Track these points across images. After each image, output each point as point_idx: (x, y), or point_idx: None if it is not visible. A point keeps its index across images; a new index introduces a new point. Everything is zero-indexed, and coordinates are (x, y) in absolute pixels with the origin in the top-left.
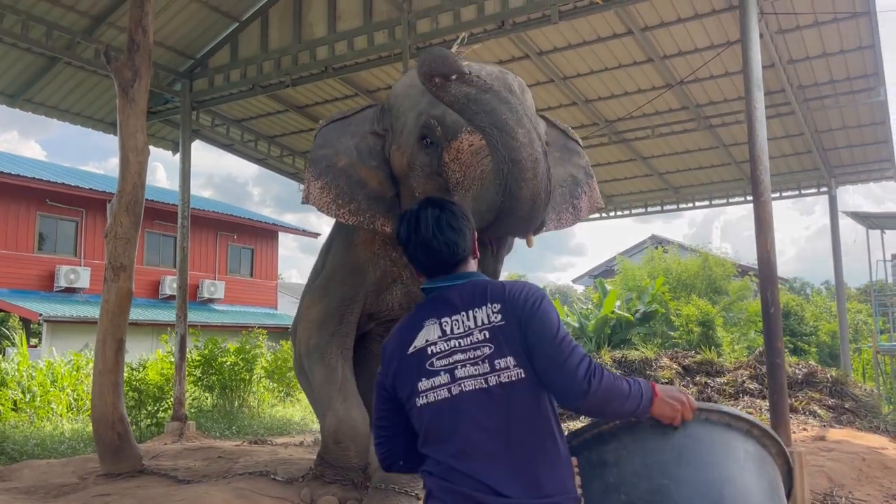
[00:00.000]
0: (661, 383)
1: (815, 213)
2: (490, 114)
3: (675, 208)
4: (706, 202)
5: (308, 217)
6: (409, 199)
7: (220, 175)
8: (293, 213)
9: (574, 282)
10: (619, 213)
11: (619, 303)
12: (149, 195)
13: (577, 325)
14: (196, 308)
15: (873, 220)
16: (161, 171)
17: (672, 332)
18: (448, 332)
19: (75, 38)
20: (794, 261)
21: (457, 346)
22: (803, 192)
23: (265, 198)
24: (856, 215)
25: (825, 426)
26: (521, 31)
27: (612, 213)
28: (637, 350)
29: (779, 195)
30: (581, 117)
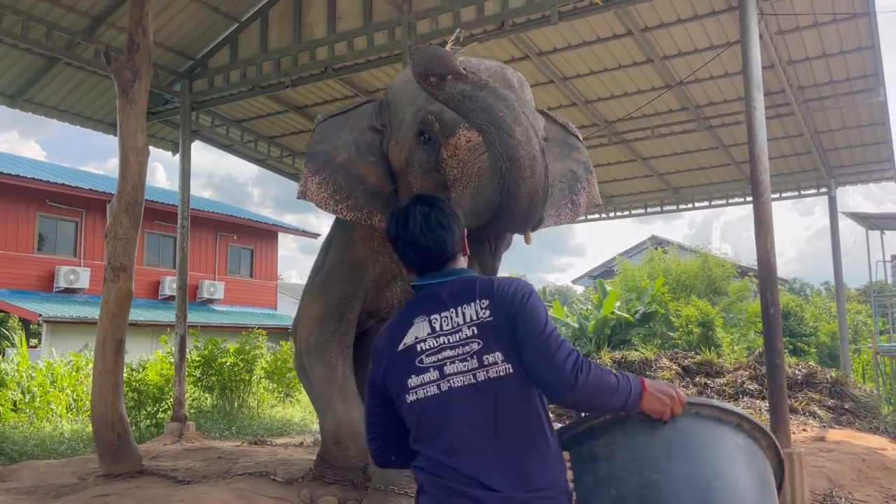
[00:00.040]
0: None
1: (814, 214)
2: (487, 111)
3: (674, 209)
4: (706, 203)
5: (308, 218)
6: (407, 195)
7: (220, 175)
8: (293, 213)
9: (574, 282)
10: (618, 214)
11: (618, 303)
12: (148, 195)
13: (576, 325)
14: (196, 309)
15: (873, 220)
16: (161, 171)
17: (672, 333)
18: (437, 329)
19: (75, 38)
20: (793, 261)
21: (446, 342)
22: (803, 192)
23: (265, 198)
24: (855, 216)
25: (825, 427)
26: (521, 31)
27: (612, 214)
28: (637, 351)
29: (778, 196)
30: (581, 118)
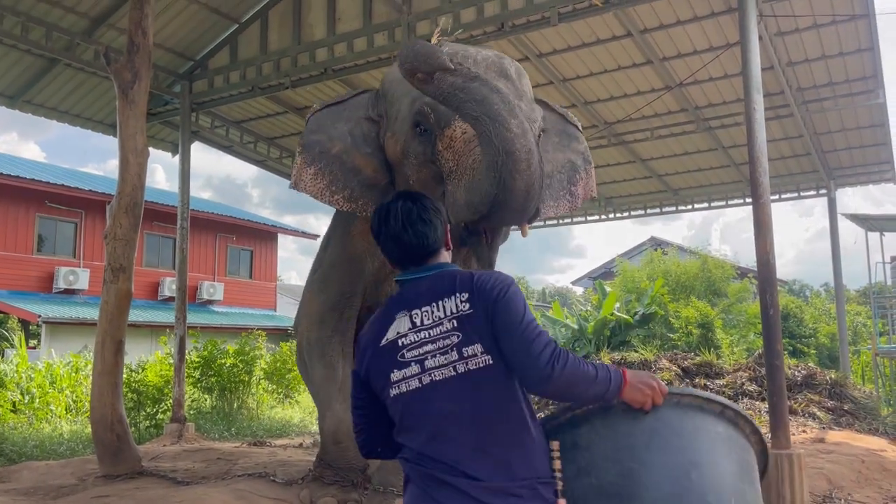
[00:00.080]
0: None
1: (814, 216)
2: (481, 103)
3: (674, 210)
4: (705, 204)
5: (307, 219)
6: (403, 187)
7: (220, 176)
8: (292, 214)
9: (573, 284)
10: (618, 215)
11: (618, 305)
12: (148, 196)
13: (576, 326)
14: (195, 309)
15: (872, 222)
16: (160, 172)
17: (671, 334)
18: (418, 324)
19: (75, 39)
20: (793, 263)
21: (426, 336)
22: (802, 194)
23: (264, 199)
24: (855, 217)
25: (824, 428)
26: (521, 33)
27: (612, 215)
28: (636, 352)
29: (778, 197)
30: (580, 119)
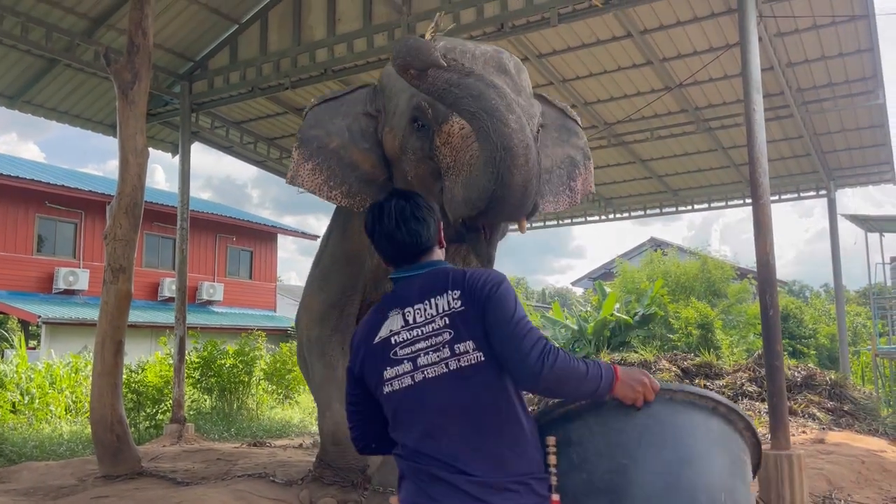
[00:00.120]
0: None
1: (813, 216)
2: (478, 98)
3: (674, 211)
4: (705, 205)
5: (307, 219)
6: (402, 183)
7: (220, 177)
8: (292, 215)
9: (573, 284)
10: (618, 216)
11: (618, 305)
12: (148, 197)
13: (576, 327)
14: (195, 310)
15: (872, 222)
16: (160, 172)
17: (671, 335)
18: (411, 322)
19: (75, 39)
20: (793, 263)
21: (419, 334)
22: (802, 194)
23: (264, 200)
24: (855, 218)
25: (824, 429)
26: (521, 33)
27: (612, 216)
28: (636, 352)
29: (778, 198)
30: (580, 120)
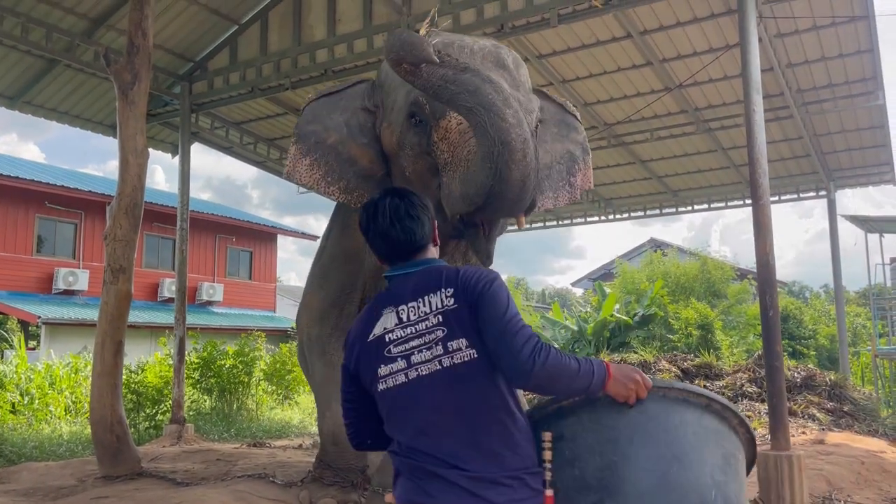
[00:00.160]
0: None
1: (813, 217)
2: (475, 93)
3: (673, 211)
4: (705, 205)
5: (307, 220)
6: (400, 179)
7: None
8: (292, 215)
9: (573, 285)
10: (618, 217)
11: (617, 306)
12: (148, 197)
13: (575, 328)
14: (195, 310)
15: (872, 223)
16: (160, 173)
17: (671, 336)
18: (404, 320)
19: (75, 40)
20: (792, 264)
21: (413, 332)
22: (802, 195)
23: (264, 200)
24: (855, 219)
25: (824, 430)
26: (521, 34)
27: (611, 217)
28: (636, 353)
29: (778, 199)
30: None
